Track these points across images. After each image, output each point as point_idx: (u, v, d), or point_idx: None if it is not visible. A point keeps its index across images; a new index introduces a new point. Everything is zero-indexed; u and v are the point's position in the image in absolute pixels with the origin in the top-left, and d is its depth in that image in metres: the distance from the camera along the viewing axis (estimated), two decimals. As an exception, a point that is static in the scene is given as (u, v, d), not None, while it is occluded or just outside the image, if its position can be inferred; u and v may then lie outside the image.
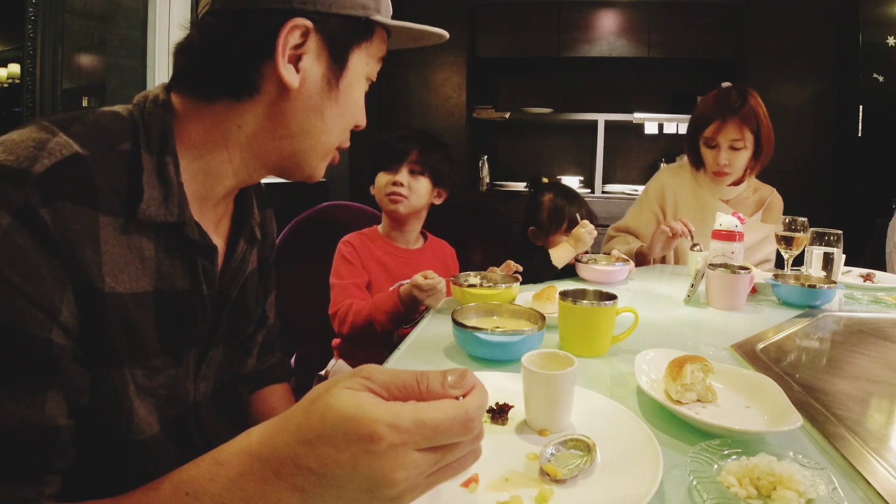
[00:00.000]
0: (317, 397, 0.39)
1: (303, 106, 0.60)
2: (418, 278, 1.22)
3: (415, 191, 1.45)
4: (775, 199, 1.90)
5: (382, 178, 1.46)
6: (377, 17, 0.62)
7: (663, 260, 1.89)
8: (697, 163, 1.84)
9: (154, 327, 0.54)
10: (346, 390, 0.38)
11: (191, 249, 0.58)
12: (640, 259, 1.80)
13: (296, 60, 0.58)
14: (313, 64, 0.59)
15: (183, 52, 0.60)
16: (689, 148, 1.85)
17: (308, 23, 0.57)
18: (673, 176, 1.94)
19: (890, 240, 2.06)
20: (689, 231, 1.65)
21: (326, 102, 0.61)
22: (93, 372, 0.49)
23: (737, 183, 1.82)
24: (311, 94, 0.60)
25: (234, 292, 0.66)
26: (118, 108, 0.57)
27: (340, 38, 0.60)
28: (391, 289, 1.36)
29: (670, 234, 1.66)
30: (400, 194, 1.43)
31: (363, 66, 0.64)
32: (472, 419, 0.38)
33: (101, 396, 0.50)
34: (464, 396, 0.40)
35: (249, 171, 0.63)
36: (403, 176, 1.45)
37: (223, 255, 0.66)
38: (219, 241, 0.65)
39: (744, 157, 1.73)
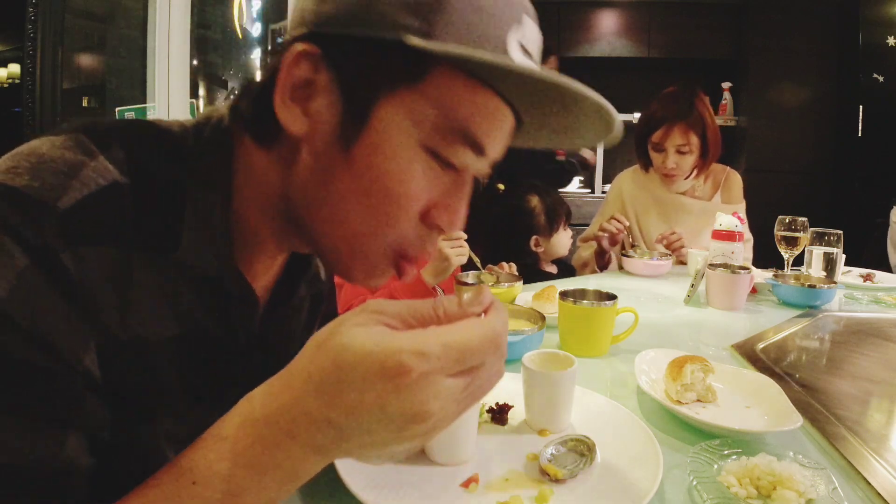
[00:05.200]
0: (322, 342, 0.35)
1: (310, 165, 0.45)
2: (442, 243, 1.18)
3: None
4: (732, 176, 1.92)
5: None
6: (423, 42, 0.39)
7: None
8: (646, 164, 1.88)
9: (183, 372, 0.48)
10: (357, 327, 0.34)
11: (230, 296, 0.50)
12: (599, 259, 1.84)
13: (305, 101, 0.44)
14: (327, 108, 0.43)
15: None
16: (638, 150, 1.88)
17: (315, 49, 0.42)
18: (629, 180, 1.97)
19: (891, 230, 2.07)
20: (625, 227, 1.73)
21: (336, 166, 0.44)
22: (119, 424, 0.43)
23: (686, 177, 1.86)
24: (319, 149, 0.44)
25: (278, 337, 0.58)
26: (174, 124, 0.49)
27: (360, 73, 0.42)
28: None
29: (608, 237, 1.75)
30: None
31: (405, 123, 0.42)
32: (499, 335, 0.35)
33: (127, 443, 0.45)
34: (484, 314, 0.37)
35: (291, 239, 0.51)
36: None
37: (269, 293, 0.57)
38: (267, 280, 0.56)
39: (689, 160, 1.77)
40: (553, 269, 1.87)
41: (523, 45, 0.44)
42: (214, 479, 0.36)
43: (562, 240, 1.84)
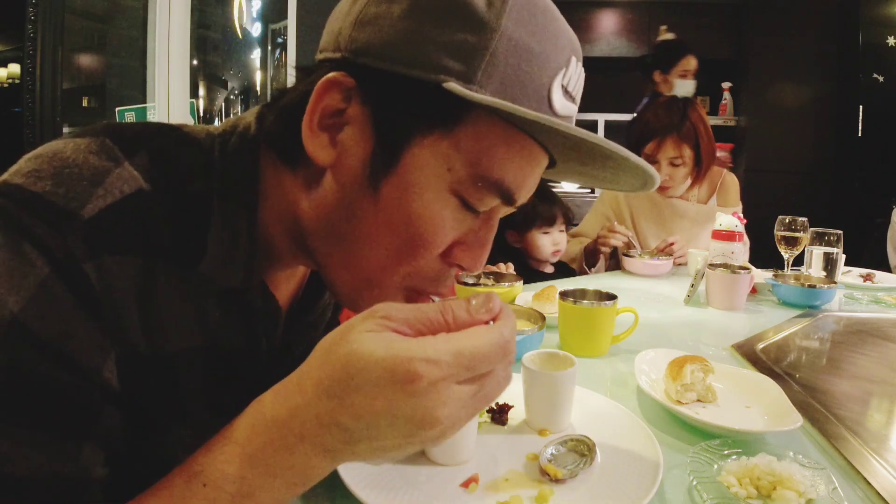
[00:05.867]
0: (331, 346, 0.35)
1: (334, 196, 0.44)
2: None
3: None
4: (728, 179, 1.91)
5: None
6: (463, 90, 0.38)
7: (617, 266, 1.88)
8: None
9: (204, 385, 0.48)
10: (367, 333, 0.34)
11: (253, 308, 0.49)
12: (590, 257, 1.82)
13: (334, 130, 0.43)
14: (356, 141, 0.42)
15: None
16: None
17: (349, 80, 0.41)
18: None
19: (891, 230, 2.07)
20: (629, 241, 1.71)
21: (362, 201, 0.43)
22: (137, 434, 0.43)
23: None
24: (345, 182, 0.43)
25: (301, 347, 0.57)
26: (200, 131, 0.48)
27: (395, 111, 0.41)
28: None
29: (609, 251, 1.74)
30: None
31: (437, 167, 0.41)
32: (508, 342, 0.36)
33: (145, 456, 0.45)
34: (493, 321, 0.37)
35: (302, 260, 0.51)
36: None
37: (291, 302, 0.57)
38: (290, 290, 0.56)
39: (683, 171, 1.76)
40: (549, 269, 1.86)
41: (566, 88, 0.43)
42: (225, 482, 0.36)
43: (536, 241, 1.78)
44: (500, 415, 0.64)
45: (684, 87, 2.61)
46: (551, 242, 1.78)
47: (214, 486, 0.36)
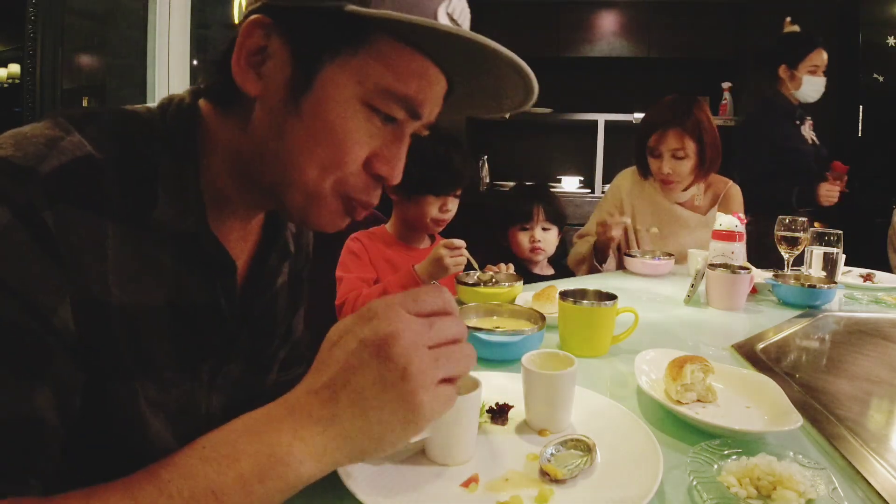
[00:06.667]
0: None
1: (266, 121, 0.51)
2: (453, 241, 1.25)
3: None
4: (733, 191, 1.91)
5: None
6: (358, 8, 0.45)
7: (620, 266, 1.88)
8: (645, 171, 1.86)
9: (167, 340, 0.51)
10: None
11: (208, 262, 0.54)
12: (599, 254, 1.82)
13: (259, 65, 0.50)
14: (278, 70, 0.49)
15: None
16: (636, 156, 1.86)
17: (268, 20, 0.48)
18: (630, 180, 1.96)
19: (891, 231, 2.07)
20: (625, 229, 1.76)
21: (288, 120, 0.49)
22: (100, 384, 0.47)
23: (686, 188, 1.86)
24: (272, 107, 0.50)
25: (258, 308, 0.62)
26: (140, 108, 0.54)
27: (306, 38, 0.48)
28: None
29: (615, 242, 1.76)
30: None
31: (348, 83, 0.49)
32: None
33: (110, 409, 0.48)
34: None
35: (254, 197, 0.56)
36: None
37: (248, 266, 0.62)
38: (245, 251, 0.61)
39: (686, 166, 1.76)
40: (549, 271, 1.86)
41: (451, 16, 0.51)
42: (219, 444, 0.42)
43: (516, 238, 1.82)
44: (500, 415, 0.65)
45: (813, 83, 2.31)
46: (529, 239, 1.78)
47: (210, 447, 0.41)
